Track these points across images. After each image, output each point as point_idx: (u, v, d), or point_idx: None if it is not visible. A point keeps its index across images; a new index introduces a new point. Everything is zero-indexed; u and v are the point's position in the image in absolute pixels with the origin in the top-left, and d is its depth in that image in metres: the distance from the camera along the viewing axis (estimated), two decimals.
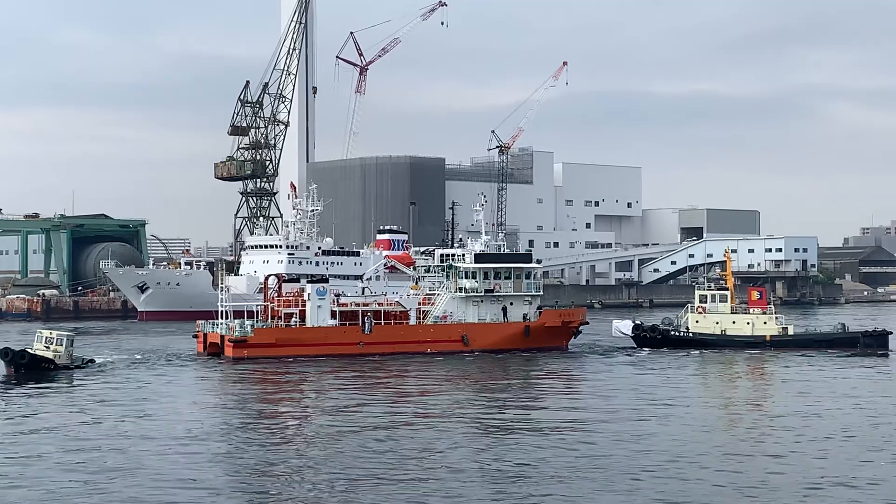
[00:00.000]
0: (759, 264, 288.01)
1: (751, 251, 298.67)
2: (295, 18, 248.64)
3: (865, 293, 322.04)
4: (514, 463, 46.38)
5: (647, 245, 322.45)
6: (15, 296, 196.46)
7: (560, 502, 39.55)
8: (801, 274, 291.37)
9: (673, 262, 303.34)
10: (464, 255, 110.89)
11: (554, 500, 39.70)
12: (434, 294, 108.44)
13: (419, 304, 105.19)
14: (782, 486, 42.13)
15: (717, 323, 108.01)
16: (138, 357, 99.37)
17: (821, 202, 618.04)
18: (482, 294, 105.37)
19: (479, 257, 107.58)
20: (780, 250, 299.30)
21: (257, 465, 47.33)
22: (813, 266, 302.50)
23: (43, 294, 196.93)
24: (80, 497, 39.77)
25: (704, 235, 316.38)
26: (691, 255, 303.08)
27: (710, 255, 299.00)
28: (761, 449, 51.27)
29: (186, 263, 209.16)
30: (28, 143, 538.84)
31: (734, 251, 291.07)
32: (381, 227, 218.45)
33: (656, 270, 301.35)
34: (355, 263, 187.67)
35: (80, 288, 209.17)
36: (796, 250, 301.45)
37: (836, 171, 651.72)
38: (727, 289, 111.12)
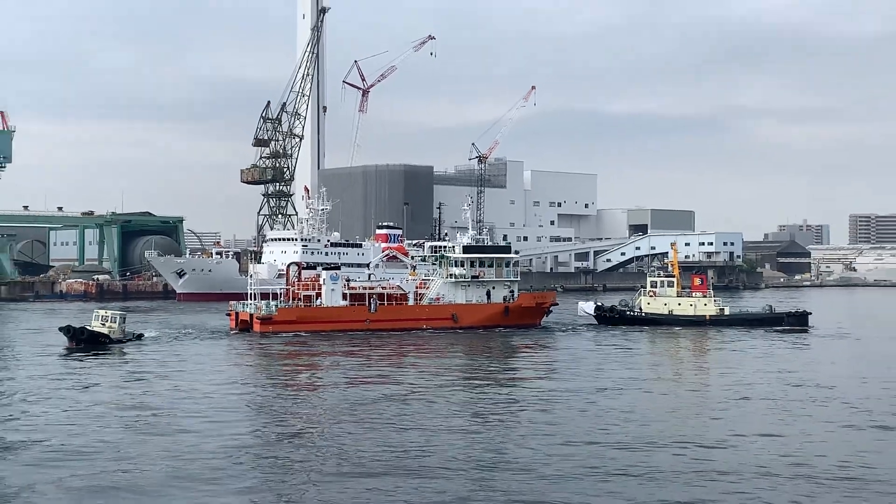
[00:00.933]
0: (693, 255, 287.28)
1: (687, 244, 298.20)
2: (308, 49, 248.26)
3: (782, 280, 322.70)
4: (493, 416, 46.54)
5: (601, 239, 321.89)
6: (73, 280, 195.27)
7: (527, 441, 40.32)
8: (728, 264, 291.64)
9: (622, 254, 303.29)
10: (454, 246, 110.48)
11: (525, 439, 39.97)
12: (429, 279, 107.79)
13: (416, 287, 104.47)
14: (712, 431, 42.39)
15: (665, 304, 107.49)
16: (180, 332, 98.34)
17: (745, 204, 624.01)
18: (469, 279, 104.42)
19: (466, 249, 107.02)
20: (712, 244, 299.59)
21: (280, 417, 48.76)
22: (738, 257, 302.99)
23: (97, 279, 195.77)
24: (130, 446, 39.10)
25: (648, 231, 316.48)
26: (638, 248, 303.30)
27: (653, 248, 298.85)
28: (701, 409, 51.34)
29: (217, 253, 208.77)
30: (83, 150, 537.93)
31: (674, 245, 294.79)
32: (380, 224, 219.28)
33: (608, 260, 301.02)
34: (358, 253, 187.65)
35: (127, 273, 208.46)
36: (725, 244, 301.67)
37: (758, 178, 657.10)
38: (673, 276, 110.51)
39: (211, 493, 33.03)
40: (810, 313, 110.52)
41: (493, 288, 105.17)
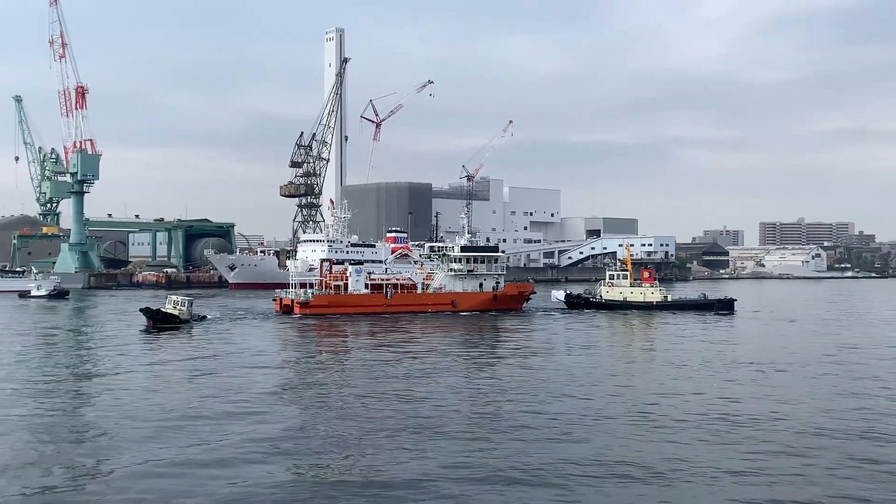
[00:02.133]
0: (637, 254, 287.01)
1: (631, 245, 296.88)
2: (333, 91, 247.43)
3: (706, 273, 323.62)
4: (483, 376, 45.65)
5: (564, 241, 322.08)
6: (147, 272, 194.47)
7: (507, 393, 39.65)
8: (664, 261, 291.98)
9: (581, 252, 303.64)
10: (453, 247, 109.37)
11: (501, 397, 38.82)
12: (433, 272, 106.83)
13: (423, 279, 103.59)
14: (655, 393, 41.53)
15: (621, 293, 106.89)
16: (236, 314, 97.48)
17: (677, 213, 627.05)
18: (465, 273, 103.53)
19: (464, 248, 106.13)
20: (651, 245, 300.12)
21: (313, 378, 48.50)
22: (672, 255, 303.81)
23: (166, 271, 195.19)
24: (190, 408, 38.33)
25: (601, 235, 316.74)
26: (593, 248, 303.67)
27: (605, 248, 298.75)
28: (647, 374, 50.71)
29: (261, 252, 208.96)
30: (154, 171, 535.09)
31: (621, 245, 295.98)
32: (389, 229, 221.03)
33: (570, 258, 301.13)
34: (372, 252, 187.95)
35: (190, 267, 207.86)
36: (661, 245, 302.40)
37: (688, 193, 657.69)
38: (627, 270, 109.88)
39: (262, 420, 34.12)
40: (736, 300, 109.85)
41: (485, 280, 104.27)
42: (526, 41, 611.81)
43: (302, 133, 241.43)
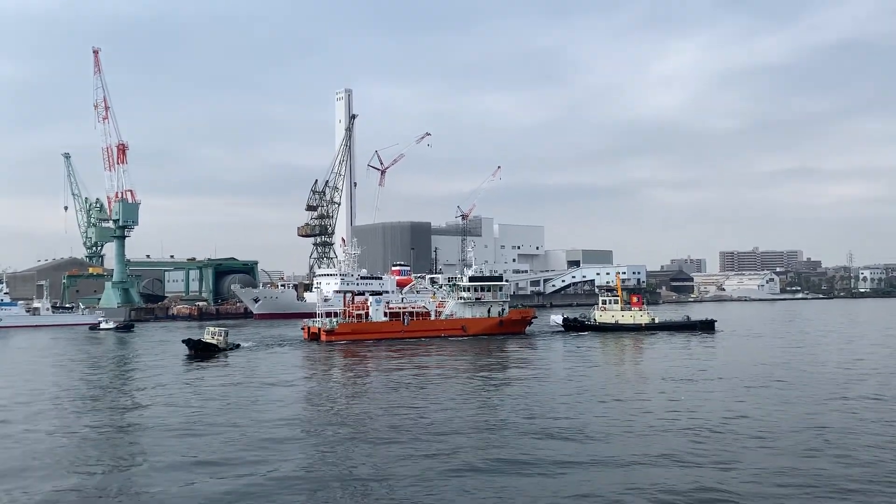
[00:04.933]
0: (612, 282, 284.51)
1: (608, 273, 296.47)
2: (343, 143, 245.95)
3: (674, 297, 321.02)
4: (494, 390, 43.38)
5: (548, 271, 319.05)
6: (182, 306, 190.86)
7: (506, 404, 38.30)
8: (636, 287, 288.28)
9: (563, 281, 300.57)
10: (462, 277, 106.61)
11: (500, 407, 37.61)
12: (445, 300, 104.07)
13: (436, 307, 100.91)
14: (651, 404, 39.08)
15: (613, 316, 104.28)
16: (267, 342, 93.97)
17: (647, 244, 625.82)
18: (474, 300, 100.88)
19: (471, 278, 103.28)
20: (625, 272, 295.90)
21: (343, 394, 48.01)
22: (643, 282, 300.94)
23: (198, 305, 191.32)
24: (222, 423, 36.81)
25: (581, 265, 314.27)
26: (574, 277, 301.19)
27: (584, 276, 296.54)
28: (639, 388, 48.90)
29: (281, 285, 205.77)
30: (186, 216, 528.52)
31: (598, 273, 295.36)
32: (394, 263, 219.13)
33: (554, 286, 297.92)
34: (379, 284, 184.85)
35: (219, 300, 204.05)
36: (634, 273, 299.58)
37: (655, 227, 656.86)
38: (618, 296, 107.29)
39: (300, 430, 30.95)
40: (716, 321, 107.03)
41: (491, 306, 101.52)
42: (507, 98, 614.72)
43: (316, 180, 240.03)
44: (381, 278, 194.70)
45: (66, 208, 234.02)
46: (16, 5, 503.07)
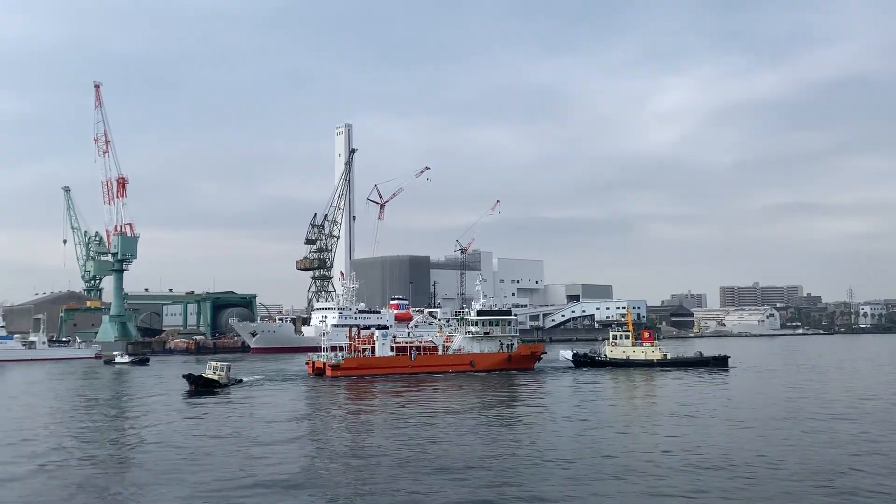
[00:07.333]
0: (611, 316, 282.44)
1: (608, 308, 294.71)
2: (343, 177, 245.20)
3: (674, 333, 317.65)
4: (503, 426, 40.68)
5: (547, 305, 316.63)
6: (179, 339, 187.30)
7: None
8: (636, 322, 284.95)
9: (563, 315, 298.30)
10: (470, 311, 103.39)
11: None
12: (452, 335, 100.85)
13: (444, 341, 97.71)
14: (660, 438, 37.32)
15: (624, 352, 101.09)
16: (270, 377, 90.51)
17: (646, 279, 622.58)
18: (482, 335, 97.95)
19: (480, 312, 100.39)
20: (624, 308, 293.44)
21: (348, 428, 46.92)
22: (644, 317, 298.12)
23: (195, 339, 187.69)
24: (225, 456, 36.13)
25: (580, 300, 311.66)
26: (573, 311, 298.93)
27: (584, 311, 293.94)
28: (652, 424, 47.32)
29: (279, 319, 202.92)
30: (184, 250, 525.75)
31: (598, 308, 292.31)
32: (393, 296, 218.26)
33: (553, 320, 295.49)
34: (378, 318, 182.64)
35: (217, 334, 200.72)
36: (634, 307, 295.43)
37: (655, 262, 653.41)
38: (629, 331, 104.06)
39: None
40: (729, 357, 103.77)
41: (501, 341, 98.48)
42: (504, 133, 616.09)
43: (315, 214, 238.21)
44: (379, 312, 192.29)
45: (65, 242, 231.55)
46: (16, 38, 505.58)
